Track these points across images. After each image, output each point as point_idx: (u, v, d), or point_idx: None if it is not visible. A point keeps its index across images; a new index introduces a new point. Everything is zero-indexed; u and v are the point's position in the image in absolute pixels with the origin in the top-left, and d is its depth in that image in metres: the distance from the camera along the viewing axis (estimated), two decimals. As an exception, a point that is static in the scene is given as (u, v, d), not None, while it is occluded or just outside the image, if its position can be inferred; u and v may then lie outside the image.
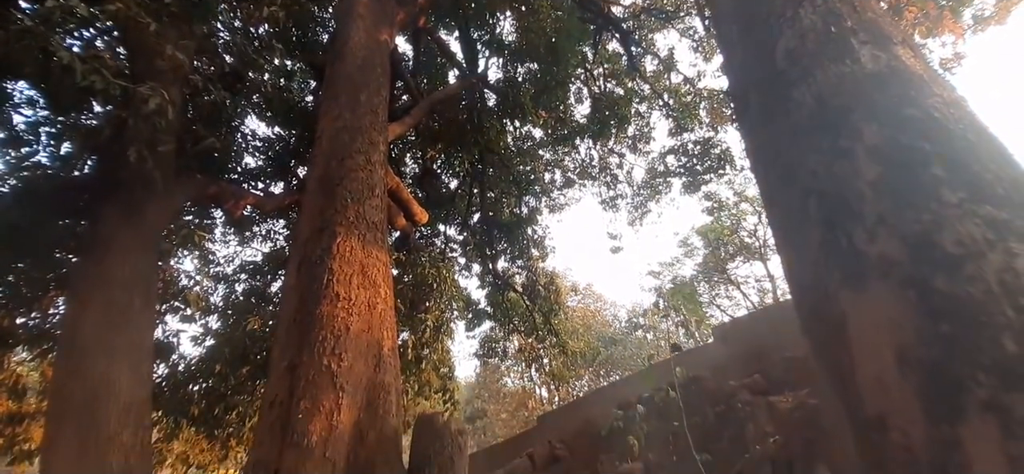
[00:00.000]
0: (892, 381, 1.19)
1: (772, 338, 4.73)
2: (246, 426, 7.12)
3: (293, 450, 2.90)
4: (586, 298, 26.06)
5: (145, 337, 4.36)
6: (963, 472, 1.01)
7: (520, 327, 12.14)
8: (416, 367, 8.02)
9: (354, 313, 3.56)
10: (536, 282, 11.21)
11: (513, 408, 23.89)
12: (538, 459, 5.41)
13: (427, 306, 8.27)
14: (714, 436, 3.35)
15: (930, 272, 1.21)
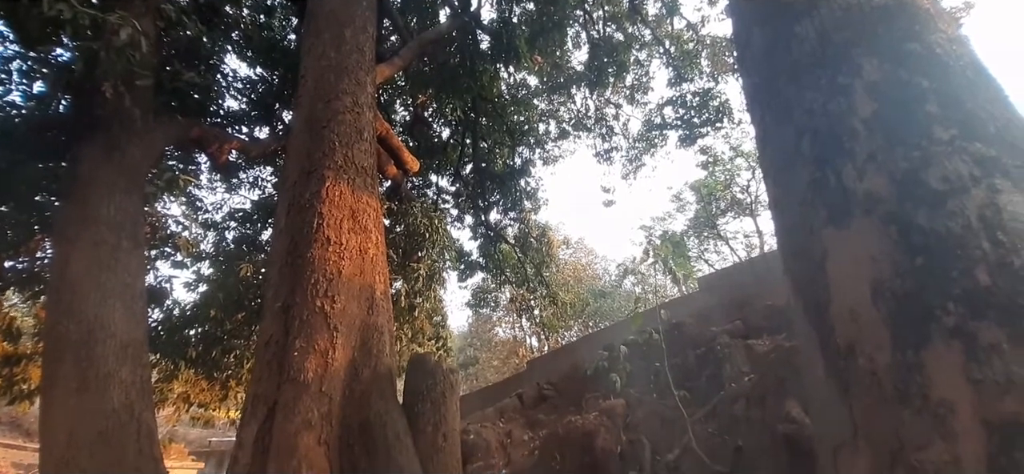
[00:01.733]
0: (864, 312, 1.23)
1: (754, 287, 4.89)
2: (244, 368, 7.31)
3: (290, 385, 3.00)
4: (577, 252, 26.44)
5: (136, 280, 4.36)
6: (924, 392, 1.07)
7: (512, 278, 12.34)
8: (409, 314, 8.18)
9: (345, 257, 3.57)
10: (528, 234, 11.28)
11: (504, 356, 24.78)
12: (527, 398, 5.68)
13: (419, 256, 8.32)
14: (693, 375, 3.52)
15: (913, 208, 1.22)
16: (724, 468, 2.59)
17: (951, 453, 1.00)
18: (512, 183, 10.78)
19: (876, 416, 1.15)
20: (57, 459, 3.45)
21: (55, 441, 3.55)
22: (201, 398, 7.51)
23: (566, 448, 3.42)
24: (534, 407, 5.43)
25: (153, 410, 4.05)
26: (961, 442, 1.00)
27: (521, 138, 10.89)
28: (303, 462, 2.72)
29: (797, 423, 2.35)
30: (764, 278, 4.93)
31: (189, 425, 17.07)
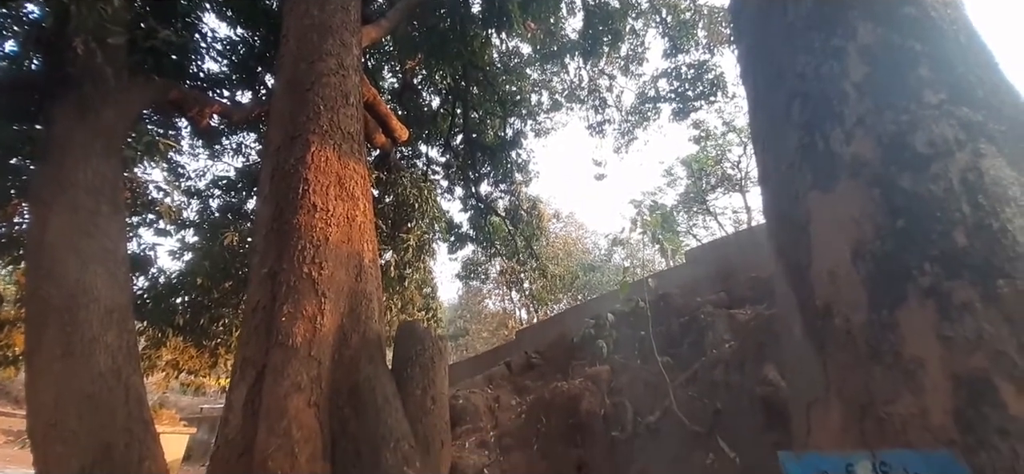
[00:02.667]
0: (843, 273, 1.26)
1: (740, 260, 4.97)
2: (233, 336, 7.30)
3: (279, 350, 2.99)
4: (568, 226, 26.52)
5: (118, 245, 4.26)
6: (896, 350, 1.11)
7: (502, 251, 12.37)
8: (399, 285, 8.19)
9: (333, 224, 3.52)
10: (519, 207, 11.24)
11: (494, 328, 25.12)
12: (515, 366, 5.79)
13: (409, 227, 8.26)
14: (676, 343, 3.61)
15: (897, 171, 1.24)
16: (702, 428, 2.69)
17: (919, 406, 1.05)
18: (503, 155, 10.65)
19: (849, 373, 1.19)
20: (45, 422, 3.44)
21: (42, 405, 3.53)
22: (190, 365, 7.51)
23: (552, 411, 3.52)
24: (522, 374, 5.54)
25: (141, 375, 4.03)
26: (929, 396, 1.04)
27: (513, 109, 10.70)
28: (293, 423, 2.75)
29: (773, 385, 2.43)
30: (749, 251, 5.00)
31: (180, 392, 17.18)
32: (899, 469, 1.02)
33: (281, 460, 2.64)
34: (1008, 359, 0.97)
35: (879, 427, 1.09)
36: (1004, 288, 1.03)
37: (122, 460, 3.42)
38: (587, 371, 3.89)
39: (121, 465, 3.40)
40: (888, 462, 1.05)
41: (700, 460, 2.62)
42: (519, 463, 3.31)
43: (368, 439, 2.90)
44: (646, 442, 2.95)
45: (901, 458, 1.02)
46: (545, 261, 12.87)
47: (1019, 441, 0.91)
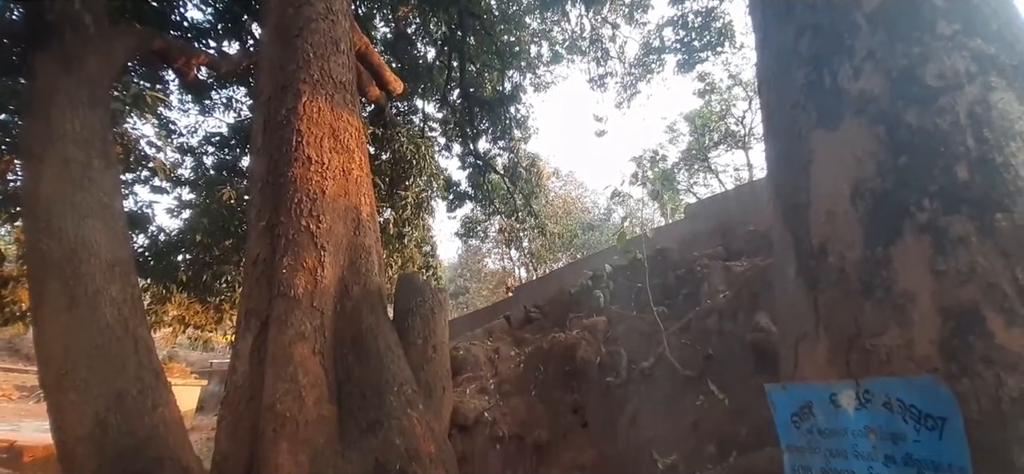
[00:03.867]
0: (841, 212, 1.25)
1: (739, 214, 4.96)
2: (236, 292, 7.40)
3: (281, 300, 3.04)
4: (567, 184, 26.35)
5: (113, 200, 4.24)
6: (887, 285, 1.12)
7: (501, 209, 12.34)
8: (398, 243, 8.22)
9: (328, 177, 3.48)
10: (518, 164, 11.10)
11: (493, 286, 25.48)
12: (514, 320, 5.91)
13: (407, 185, 8.19)
14: (672, 294, 3.67)
15: (904, 106, 1.20)
16: (694, 373, 2.79)
17: (905, 337, 1.07)
18: (501, 110, 10.40)
19: (838, 308, 1.21)
20: (56, 373, 3.54)
21: (52, 356, 3.63)
22: (196, 320, 7.66)
23: (550, 360, 3.63)
24: (521, 328, 5.67)
25: (148, 327, 4.12)
26: (916, 328, 1.06)
27: (511, 61, 10.33)
28: (299, 369, 2.84)
29: (765, 331, 2.49)
30: (749, 205, 4.99)
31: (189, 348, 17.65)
32: (881, 395, 1.06)
33: (289, 403, 2.75)
34: (1000, 291, 0.98)
35: (864, 358, 1.12)
36: (1002, 222, 1.03)
37: (136, 407, 3.55)
38: (584, 322, 3.98)
39: (135, 412, 3.54)
40: (871, 390, 1.09)
41: (690, 402, 2.73)
42: (518, 407, 3.45)
43: (372, 384, 3.01)
44: (639, 386, 3.06)
45: (883, 386, 1.06)
46: (544, 219, 12.88)
47: (1004, 369, 0.94)
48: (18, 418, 11.40)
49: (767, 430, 1.67)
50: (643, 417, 2.86)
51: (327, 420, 2.84)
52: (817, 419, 1.20)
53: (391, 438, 2.80)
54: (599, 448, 2.91)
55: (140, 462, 3.35)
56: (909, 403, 0.99)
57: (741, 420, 2.42)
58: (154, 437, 3.50)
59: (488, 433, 3.30)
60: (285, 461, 2.63)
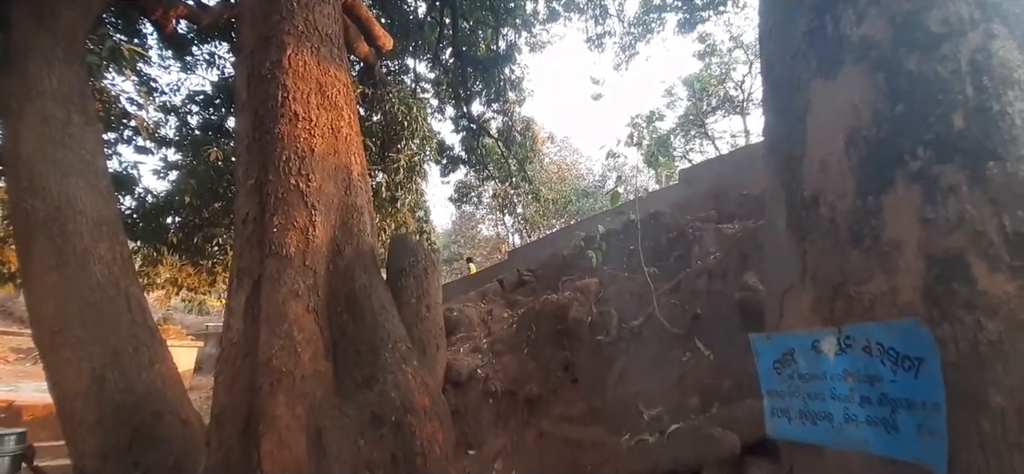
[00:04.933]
0: (835, 162, 1.24)
1: (733, 178, 4.96)
2: (228, 255, 7.35)
3: (273, 259, 3.03)
4: (562, 150, 26.05)
5: (95, 158, 4.14)
6: (876, 233, 1.13)
7: (495, 174, 12.20)
8: (391, 207, 8.14)
9: (317, 135, 3.39)
10: (512, 128, 10.89)
11: (487, 252, 25.60)
12: (507, 283, 5.97)
13: (399, 147, 8.03)
14: (664, 256, 3.71)
15: (906, 53, 1.17)
16: (682, 331, 2.85)
17: (889, 285, 1.09)
18: (496, 70, 10.09)
19: (825, 258, 1.22)
20: (50, 330, 3.54)
21: (44, 315, 3.62)
22: (189, 282, 7.64)
23: (542, 319, 3.69)
24: (514, 291, 5.74)
25: (140, 286, 4.11)
26: (901, 275, 1.08)
27: (506, 18, 9.94)
28: (294, 326, 2.86)
29: (752, 290, 2.54)
30: (744, 169, 4.98)
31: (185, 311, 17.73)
32: (861, 340, 1.09)
33: (285, 359, 2.78)
34: (986, 238, 0.99)
35: (848, 306, 1.14)
36: (993, 170, 1.02)
37: (132, 364, 3.59)
38: (576, 284, 4.02)
39: (132, 368, 3.57)
40: (852, 335, 1.11)
41: (677, 358, 2.81)
42: (510, 364, 3.53)
43: (367, 341, 3.05)
44: (628, 344, 3.14)
45: (864, 330, 1.08)
46: (538, 185, 12.79)
47: (985, 313, 0.96)
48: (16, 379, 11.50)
49: (749, 383, 1.73)
50: (631, 373, 2.95)
51: (323, 375, 2.89)
52: (798, 365, 1.23)
53: (387, 392, 2.86)
54: (588, 402, 3.01)
55: (139, 416, 3.42)
56: (888, 346, 1.01)
57: (724, 374, 2.50)
58: (152, 392, 3.56)
59: (481, 388, 3.39)
60: (283, 413, 2.68)
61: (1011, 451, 0.90)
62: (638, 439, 2.44)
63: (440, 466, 2.76)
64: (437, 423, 2.91)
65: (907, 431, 0.96)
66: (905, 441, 0.96)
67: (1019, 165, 1.03)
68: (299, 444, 2.64)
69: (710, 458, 2.10)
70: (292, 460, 2.61)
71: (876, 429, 1.02)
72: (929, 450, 0.91)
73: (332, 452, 2.65)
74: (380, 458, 2.68)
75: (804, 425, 1.19)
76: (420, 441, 2.76)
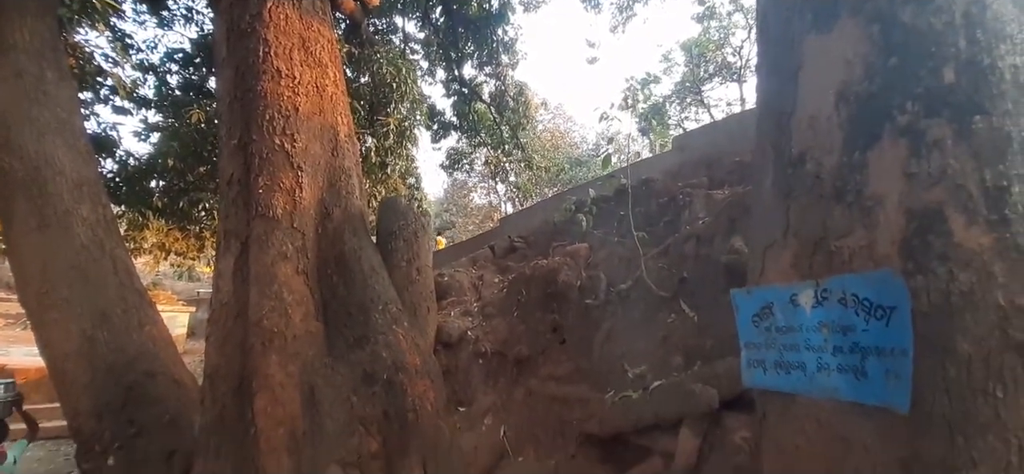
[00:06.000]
0: (824, 118, 1.24)
1: (726, 145, 4.94)
2: (216, 220, 7.26)
3: (260, 221, 2.99)
4: (556, 117, 25.67)
5: (73, 117, 4.00)
6: (859, 189, 1.14)
7: (487, 141, 12.00)
8: (381, 172, 8.02)
9: (301, 93, 3.29)
10: (505, 92, 10.64)
11: (480, 221, 25.55)
12: (498, 250, 6.00)
13: (388, 111, 7.83)
14: (654, 221, 3.73)
15: (901, 4, 1.15)
16: (668, 294, 2.90)
17: (868, 239, 1.10)
18: (488, 31, 9.73)
19: (808, 214, 1.24)
20: (36, 292, 3.51)
21: (29, 276, 3.57)
22: (177, 247, 7.56)
23: (531, 284, 3.73)
24: (504, 257, 5.76)
25: (125, 249, 4.05)
26: (880, 229, 1.09)
27: (499, -25, 9.52)
28: (284, 287, 2.86)
29: (738, 253, 2.58)
30: (737, 136, 4.95)
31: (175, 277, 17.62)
32: (838, 292, 1.11)
33: (276, 319, 2.80)
34: (966, 192, 1.00)
35: (827, 260, 1.16)
36: (979, 124, 1.02)
37: (122, 325, 3.58)
38: (566, 249, 4.05)
39: (122, 330, 3.57)
40: (829, 288, 1.14)
41: (663, 320, 2.88)
42: (500, 327, 3.59)
43: (357, 303, 3.06)
44: (616, 307, 3.19)
45: (841, 282, 1.11)
46: (531, 153, 12.64)
47: (958, 265, 0.98)
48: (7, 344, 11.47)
49: (730, 343, 1.77)
50: (618, 334, 3.01)
51: (314, 336, 2.91)
52: (776, 318, 1.27)
53: (378, 352, 2.91)
54: (575, 362, 3.08)
55: (132, 376, 3.45)
56: (863, 297, 1.04)
57: (707, 334, 2.57)
58: (144, 353, 3.58)
59: (471, 350, 3.46)
60: (276, 372, 2.72)
61: (975, 396, 0.94)
62: (622, 395, 2.53)
63: (431, 422, 2.84)
64: (428, 381, 2.97)
65: (875, 377, 1.00)
66: (873, 386, 1.00)
67: (1005, 120, 1.03)
68: (292, 401, 2.70)
69: (690, 412, 2.19)
70: (286, 416, 2.67)
71: (846, 376, 1.06)
72: (894, 392, 0.95)
73: (325, 409, 2.71)
74: (372, 414, 2.75)
75: (778, 374, 1.23)
76: (411, 398, 2.83)
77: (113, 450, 3.29)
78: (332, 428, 2.67)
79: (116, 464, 3.25)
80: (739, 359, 1.42)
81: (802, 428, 1.18)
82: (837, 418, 1.10)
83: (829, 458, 1.11)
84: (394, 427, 2.78)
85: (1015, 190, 0.99)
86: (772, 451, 1.29)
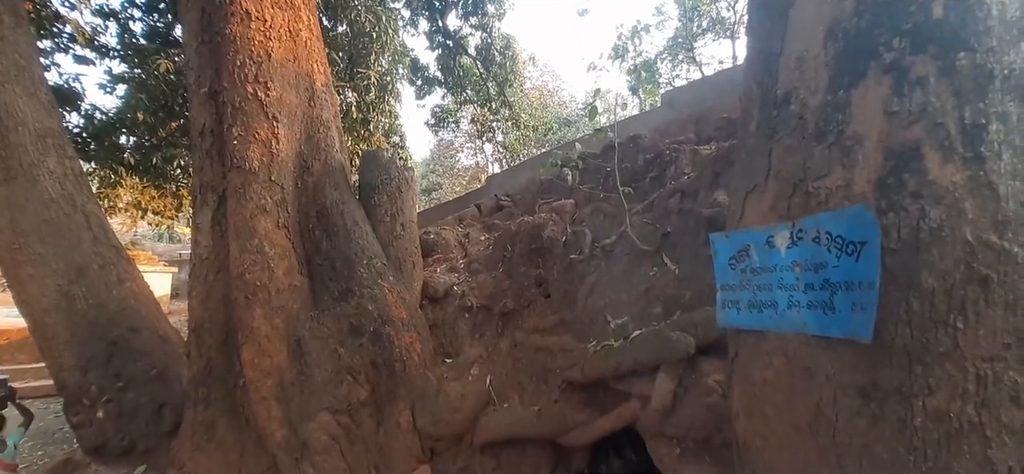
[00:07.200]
0: (811, 56, 1.21)
1: (716, 101, 4.88)
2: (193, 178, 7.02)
3: (236, 173, 2.89)
4: (545, 75, 24.99)
5: (32, 64, 3.73)
6: (841, 128, 1.13)
7: (473, 98, 11.66)
8: (363, 128, 7.77)
9: (273, 37, 3.10)
10: (491, 46, 10.25)
11: (467, 182, 25.25)
12: (485, 208, 5.96)
13: (368, 62, 7.49)
14: (640, 177, 3.72)
15: (897, -67, 1.10)
16: (651, 248, 2.94)
17: (846, 179, 1.11)
18: (474, -22, 9.25)
19: (790, 156, 1.23)
20: (8, 246, 3.39)
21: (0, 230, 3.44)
22: (154, 205, 7.32)
23: (517, 240, 3.73)
24: (491, 215, 5.74)
25: (97, 204, 3.91)
26: (858, 169, 1.09)
27: (486, -84, 8.93)
28: (265, 241, 2.81)
29: (721, 206, 2.60)
30: (726, 93, 4.89)
31: (155, 239, 17.24)
32: (812, 231, 1.13)
33: (258, 273, 2.77)
34: (944, 129, 1.00)
35: (805, 200, 1.17)
36: (963, 60, 1.01)
37: (100, 281, 3.51)
38: (552, 205, 4.03)
39: (100, 285, 3.50)
40: (804, 227, 1.15)
41: (645, 273, 2.93)
42: (485, 282, 3.62)
43: (342, 257, 3.04)
44: (600, 261, 3.23)
45: (816, 221, 1.12)
46: (519, 111, 12.35)
47: (929, 202, 0.99)
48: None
49: (709, 293, 1.81)
50: (601, 287, 3.07)
51: (299, 289, 2.90)
52: (752, 259, 1.29)
53: (363, 305, 2.92)
54: (559, 314, 3.15)
55: (115, 331, 3.42)
56: (836, 234, 1.06)
57: (687, 285, 2.63)
58: (125, 309, 3.53)
59: (458, 304, 3.49)
60: (261, 325, 2.72)
61: (937, 327, 0.97)
62: (603, 344, 2.60)
63: (419, 371, 2.90)
64: (414, 333, 3.01)
65: (842, 310, 1.03)
66: (839, 319, 1.03)
67: (988, 57, 1.02)
68: (279, 352, 2.72)
69: (667, 358, 2.27)
70: (273, 367, 2.69)
71: (815, 312, 1.10)
72: (858, 324, 0.98)
73: (312, 359, 2.74)
74: (360, 364, 2.79)
75: (751, 313, 1.27)
76: (398, 349, 2.88)
77: (102, 403, 3.31)
78: (320, 378, 2.71)
79: (106, 417, 3.28)
80: (715, 308, 1.46)
81: (770, 363, 1.23)
82: (803, 351, 1.14)
83: (793, 388, 1.16)
84: (382, 376, 2.83)
85: (993, 128, 0.99)
86: (741, 385, 1.34)
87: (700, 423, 2.14)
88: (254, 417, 2.75)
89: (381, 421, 2.80)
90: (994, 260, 0.95)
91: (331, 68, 4.38)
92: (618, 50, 3.57)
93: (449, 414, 2.77)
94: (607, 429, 2.50)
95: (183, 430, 3.10)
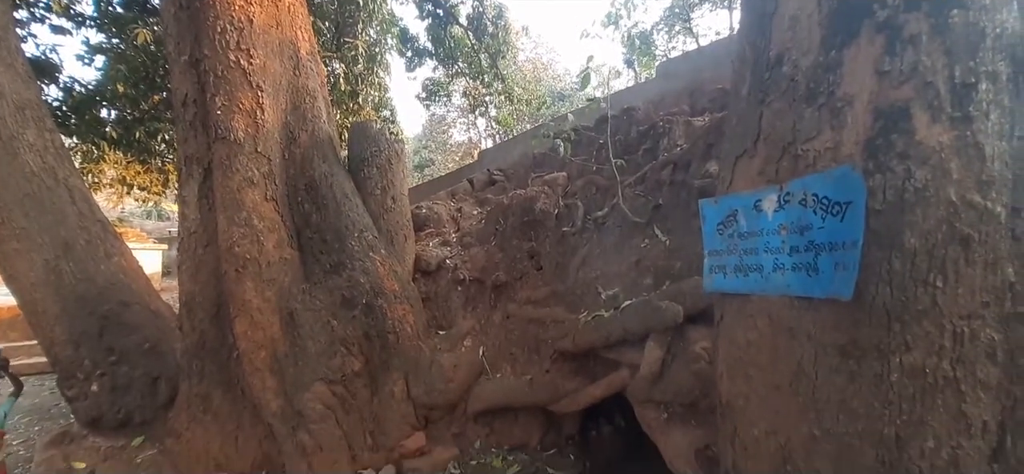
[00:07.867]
0: (805, 15, 1.19)
1: (711, 72, 4.82)
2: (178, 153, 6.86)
3: (221, 144, 2.82)
4: (538, 47, 24.45)
5: (7, 33, 3.55)
6: (831, 90, 1.12)
7: (465, 70, 11.42)
8: (352, 101, 7.60)
9: (254, 2, 2.98)
10: (483, 15, 9.97)
11: (459, 158, 24.98)
12: (477, 183, 5.91)
13: (356, 32, 7.26)
14: (633, 149, 3.70)
15: None
16: (643, 220, 2.94)
17: (834, 140, 1.10)
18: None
19: (780, 119, 1.22)
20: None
21: (-21, 206, 3.35)
22: (139, 181, 7.18)
23: (510, 213, 3.72)
24: (483, 190, 5.70)
25: (81, 178, 3.82)
26: (847, 130, 1.09)
27: None
28: (253, 214, 2.77)
29: (712, 177, 2.59)
30: (721, 63, 4.82)
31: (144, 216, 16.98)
32: (800, 194, 1.13)
33: (248, 246, 2.74)
34: (933, 89, 1.00)
35: (793, 163, 1.17)
36: (956, 18, 1.00)
37: (87, 255, 3.46)
38: (545, 178, 4.01)
39: (88, 260, 3.45)
40: (791, 190, 1.15)
41: (636, 244, 2.94)
42: (478, 255, 3.62)
43: (332, 230, 3.02)
44: (592, 233, 3.24)
45: (803, 183, 1.12)
46: (512, 84, 12.13)
47: (915, 163, 0.99)
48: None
49: (698, 264, 1.82)
50: (593, 259, 3.08)
51: (289, 262, 2.88)
52: (739, 224, 1.29)
53: (355, 278, 2.91)
54: (551, 286, 3.17)
55: (106, 305, 3.39)
56: (822, 196, 1.06)
57: (677, 256, 2.65)
58: (115, 283, 3.50)
59: (450, 277, 3.50)
60: (252, 297, 2.71)
61: (917, 286, 0.99)
62: (594, 315, 2.63)
63: (412, 342, 2.93)
64: (407, 305, 3.03)
65: (825, 271, 1.04)
66: (822, 280, 1.05)
67: (981, 15, 1.01)
68: (271, 325, 2.72)
69: (656, 326, 2.30)
70: (266, 339, 2.70)
71: (799, 274, 1.11)
72: (840, 282, 1.00)
73: (305, 331, 2.74)
74: (354, 335, 2.81)
75: (737, 277, 1.28)
76: (391, 321, 2.89)
77: (96, 377, 3.31)
78: (314, 349, 2.73)
79: (100, 390, 3.29)
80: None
81: (754, 324, 1.25)
82: (786, 312, 1.16)
83: (776, 349, 1.18)
84: (375, 347, 2.86)
85: (982, 87, 0.99)
86: (725, 347, 1.37)
87: (687, 389, 2.19)
88: (249, 388, 2.78)
89: (375, 391, 2.84)
90: (976, 219, 0.96)
91: (317, 37, 4.24)
92: (611, 17, 3.48)
93: (442, 384, 2.81)
94: (597, 397, 2.56)
95: (179, 402, 3.12)
